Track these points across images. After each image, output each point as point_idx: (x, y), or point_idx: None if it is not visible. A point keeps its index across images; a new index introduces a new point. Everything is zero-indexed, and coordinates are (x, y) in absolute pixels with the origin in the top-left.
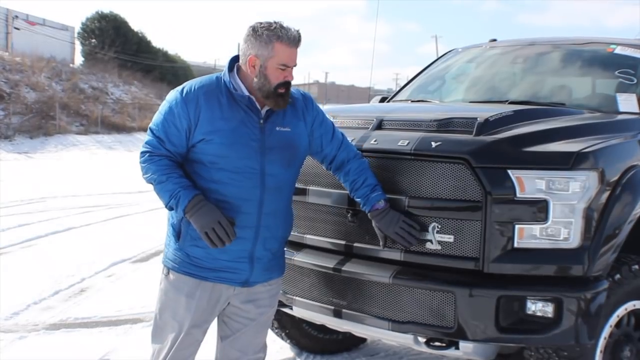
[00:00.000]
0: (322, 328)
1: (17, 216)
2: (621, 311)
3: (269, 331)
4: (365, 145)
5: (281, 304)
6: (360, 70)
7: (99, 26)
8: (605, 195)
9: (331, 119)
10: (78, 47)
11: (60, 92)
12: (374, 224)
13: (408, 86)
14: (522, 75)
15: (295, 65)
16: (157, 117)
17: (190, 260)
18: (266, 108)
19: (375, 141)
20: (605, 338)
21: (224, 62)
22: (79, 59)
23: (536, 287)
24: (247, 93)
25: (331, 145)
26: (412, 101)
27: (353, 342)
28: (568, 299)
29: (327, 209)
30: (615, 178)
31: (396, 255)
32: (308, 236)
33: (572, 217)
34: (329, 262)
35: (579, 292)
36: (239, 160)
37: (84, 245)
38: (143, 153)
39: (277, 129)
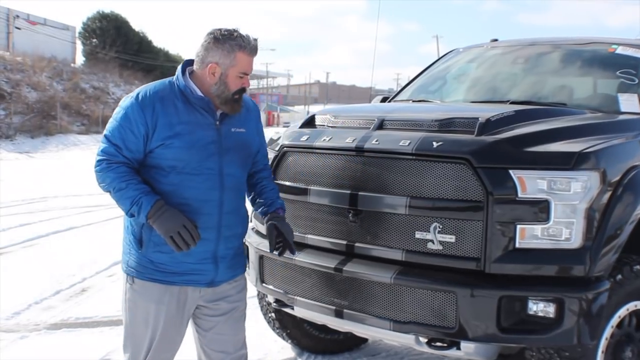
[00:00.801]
0: (324, 328)
1: (18, 216)
2: (622, 312)
3: (270, 331)
4: (367, 145)
5: (282, 304)
6: (360, 70)
7: (100, 26)
8: (607, 195)
9: (332, 119)
10: (79, 47)
11: (62, 92)
12: (271, 224)
13: (409, 86)
14: (523, 76)
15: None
16: (111, 124)
17: (155, 266)
18: (220, 110)
19: (376, 141)
20: (606, 338)
21: None
22: (80, 59)
23: (538, 287)
24: (203, 95)
25: (262, 154)
26: (414, 101)
27: (354, 342)
28: (569, 299)
29: (329, 208)
30: (617, 178)
31: (397, 255)
32: (309, 236)
33: (574, 217)
34: (331, 262)
35: (580, 292)
36: (198, 163)
37: (85, 245)
38: (99, 162)
39: (233, 130)
